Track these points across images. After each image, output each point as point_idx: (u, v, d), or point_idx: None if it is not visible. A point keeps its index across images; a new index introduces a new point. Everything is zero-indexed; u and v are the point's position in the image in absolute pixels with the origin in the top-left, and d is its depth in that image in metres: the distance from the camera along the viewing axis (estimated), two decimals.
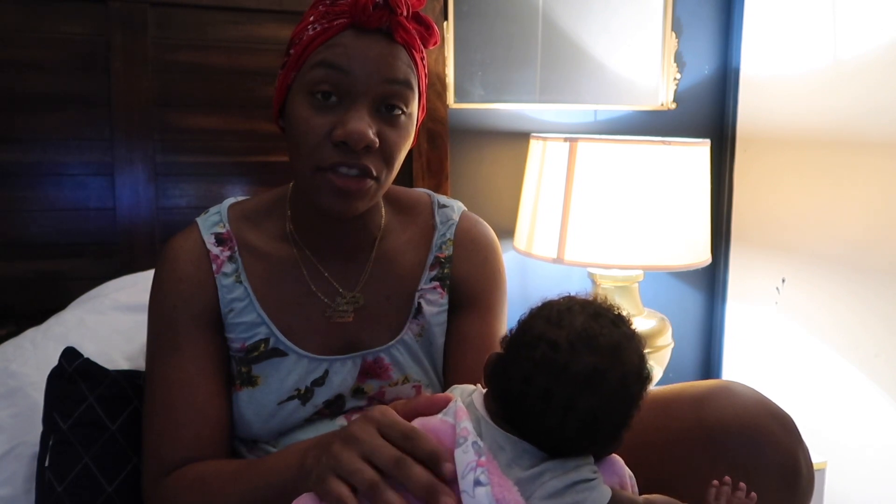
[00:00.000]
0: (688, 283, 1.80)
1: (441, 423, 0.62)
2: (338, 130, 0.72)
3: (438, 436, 0.60)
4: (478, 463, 0.57)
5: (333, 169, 0.73)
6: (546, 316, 0.63)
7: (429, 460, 0.57)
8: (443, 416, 0.63)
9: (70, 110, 1.27)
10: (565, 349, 0.59)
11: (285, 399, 0.82)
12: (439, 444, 0.58)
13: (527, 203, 1.46)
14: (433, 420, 0.63)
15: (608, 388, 0.59)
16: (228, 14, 1.35)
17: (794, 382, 1.57)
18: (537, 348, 0.60)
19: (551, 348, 0.59)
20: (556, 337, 0.60)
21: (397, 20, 0.73)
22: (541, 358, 0.59)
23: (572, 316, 0.62)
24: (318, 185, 0.75)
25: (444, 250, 0.89)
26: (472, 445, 0.59)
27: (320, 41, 0.73)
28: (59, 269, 1.29)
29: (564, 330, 0.60)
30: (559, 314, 0.62)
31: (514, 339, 0.64)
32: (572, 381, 0.59)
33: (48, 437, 0.88)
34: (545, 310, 0.64)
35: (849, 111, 1.41)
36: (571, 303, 0.64)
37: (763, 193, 1.65)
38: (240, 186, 1.38)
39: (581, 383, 0.58)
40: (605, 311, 0.63)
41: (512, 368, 0.61)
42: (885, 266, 1.34)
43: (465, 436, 0.59)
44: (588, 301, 0.65)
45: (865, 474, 1.39)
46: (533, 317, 0.64)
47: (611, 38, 1.65)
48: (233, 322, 0.82)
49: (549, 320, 0.62)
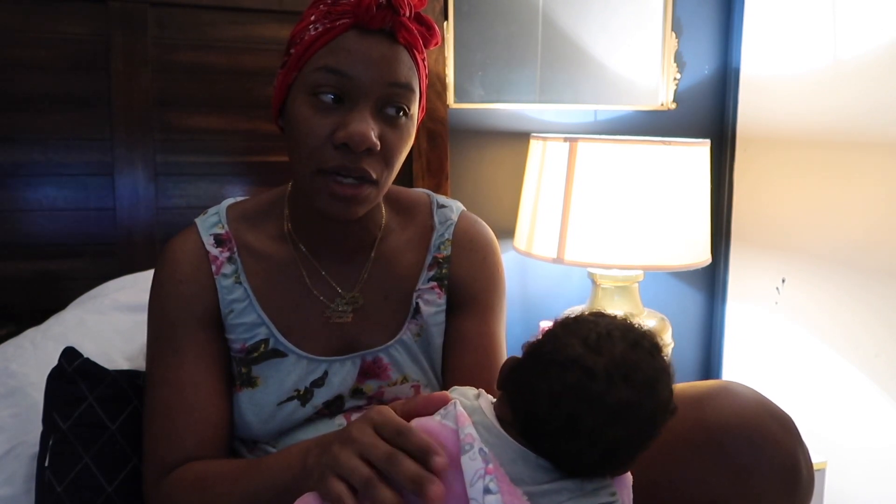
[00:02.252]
0: (688, 283, 1.80)
1: (440, 426, 0.61)
2: (340, 132, 0.72)
3: (438, 439, 0.60)
4: (486, 470, 0.57)
5: (334, 176, 0.73)
6: (584, 338, 0.60)
7: (419, 454, 0.56)
8: (442, 420, 0.62)
9: (70, 110, 1.27)
10: (602, 379, 0.58)
11: (285, 400, 0.82)
12: (432, 440, 0.58)
13: (527, 203, 1.46)
14: (431, 422, 0.62)
15: (637, 421, 0.59)
16: (228, 14, 1.35)
17: (794, 382, 1.56)
18: (572, 371, 0.58)
19: (587, 376, 0.58)
20: (593, 364, 0.58)
21: (400, 21, 0.73)
22: (575, 383, 0.58)
23: (612, 343, 0.60)
24: (317, 189, 0.75)
25: (442, 250, 0.89)
26: (479, 452, 0.58)
27: (323, 42, 0.73)
28: (59, 269, 1.29)
29: (603, 358, 0.59)
30: (598, 339, 0.60)
31: (544, 352, 0.61)
32: (604, 413, 0.58)
33: (48, 437, 0.88)
34: (582, 330, 0.61)
35: (849, 111, 1.41)
36: (611, 327, 0.62)
37: (763, 193, 1.65)
38: (240, 186, 1.38)
39: (612, 415, 0.58)
40: (643, 340, 0.62)
41: (539, 385, 0.60)
42: (885, 266, 1.34)
43: (471, 442, 0.59)
44: (627, 326, 0.63)
45: (865, 474, 1.39)
46: (567, 333, 0.62)
47: (611, 38, 1.65)
48: (233, 323, 0.82)
49: (587, 344, 0.60)
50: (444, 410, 0.64)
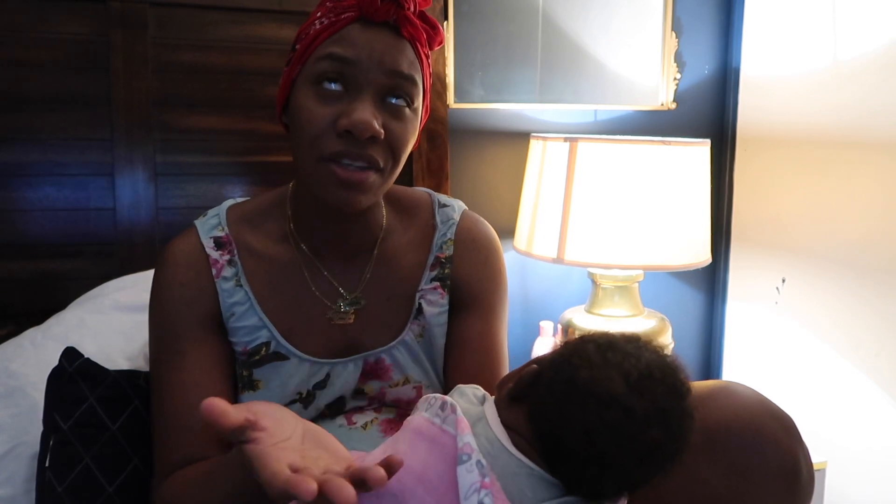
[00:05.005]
0: (688, 283, 1.80)
1: (440, 431, 0.60)
2: (343, 120, 0.72)
3: (434, 446, 0.59)
4: (482, 484, 0.56)
5: (337, 160, 0.73)
6: (625, 374, 0.60)
7: None
8: (442, 424, 0.62)
9: (70, 110, 1.27)
10: (640, 420, 0.58)
11: (287, 403, 0.81)
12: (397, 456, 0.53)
13: (527, 203, 1.46)
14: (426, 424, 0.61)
15: (663, 460, 0.60)
16: (228, 14, 1.35)
17: (794, 382, 1.56)
18: (612, 410, 0.58)
19: (627, 416, 0.58)
20: (634, 405, 0.59)
21: (404, 14, 0.73)
22: (612, 421, 0.58)
23: (653, 385, 0.60)
24: (321, 177, 0.74)
25: (444, 250, 0.88)
26: (477, 465, 0.57)
27: (327, 34, 0.73)
28: (59, 269, 1.29)
29: (644, 400, 0.59)
30: (640, 379, 0.60)
31: (580, 380, 0.61)
32: (635, 452, 0.59)
33: (48, 437, 0.88)
34: (623, 364, 0.61)
35: (849, 111, 1.41)
36: (651, 365, 0.61)
37: (763, 193, 1.65)
38: (240, 186, 1.38)
39: (643, 455, 0.59)
40: (679, 383, 0.62)
41: (574, 415, 0.59)
42: (885, 266, 1.34)
43: (469, 453, 0.58)
44: (665, 365, 0.63)
45: (865, 474, 1.39)
46: (607, 365, 0.61)
47: (611, 38, 1.65)
48: (234, 326, 0.82)
49: (629, 382, 0.60)
50: (442, 413, 0.63)
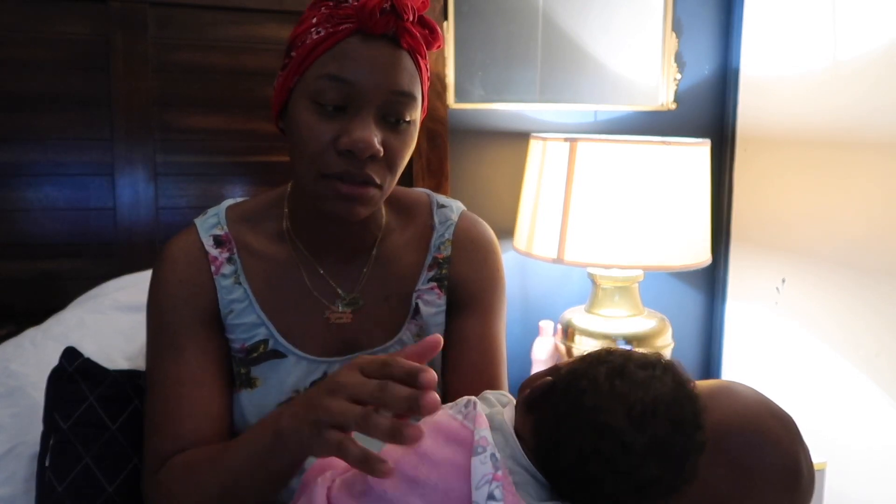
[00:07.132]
0: (688, 283, 1.80)
1: (461, 427, 0.61)
2: (343, 139, 0.72)
3: (450, 436, 0.60)
4: (493, 476, 0.57)
5: (339, 177, 0.73)
6: (629, 407, 0.59)
7: (408, 378, 0.57)
8: (463, 420, 0.62)
9: (70, 110, 1.27)
10: (637, 455, 0.58)
11: (285, 401, 0.81)
12: (416, 365, 0.57)
13: (527, 203, 1.46)
14: (447, 418, 0.62)
15: (660, 492, 0.59)
16: (228, 14, 1.35)
17: (794, 382, 1.56)
18: (608, 442, 0.58)
19: (623, 450, 0.58)
20: (632, 442, 0.58)
21: (404, 26, 0.73)
22: (608, 454, 0.58)
23: (656, 421, 0.59)
24: (322, 192, 0.75)
25: (442, 251, 0.89)
26: (491, 457, 0.58)
27: (325, 47, 0.72)
28: (59, 269, 1.29)
29: (644, 437, 0.58)
30: (643, 414, 0.58)
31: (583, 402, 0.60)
32: (628, 484, 0.58)
33: (48, 436, 0.88)
34: (630, 395, 0.59)
35: (848, 111, 1.41)
36: (658, 399, 0.59)
37: (763, 193, 1.65)
38: (240, 186, 1.38)
39: (636, 487, 0.58)
40: (690, 419, 0.60)
41: (570, 437, 0.59)
42: (885, 266, 1.34)
43: (485, 445, 0.59)
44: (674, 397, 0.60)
45: (865, 474, 1.39)
46: (612, 393, 0.60)
47: (611, 38, 1.65)
48: (232, 323, 0.82)
49: (631, 416, 0.58)
50: (463, 408, 0.65)
